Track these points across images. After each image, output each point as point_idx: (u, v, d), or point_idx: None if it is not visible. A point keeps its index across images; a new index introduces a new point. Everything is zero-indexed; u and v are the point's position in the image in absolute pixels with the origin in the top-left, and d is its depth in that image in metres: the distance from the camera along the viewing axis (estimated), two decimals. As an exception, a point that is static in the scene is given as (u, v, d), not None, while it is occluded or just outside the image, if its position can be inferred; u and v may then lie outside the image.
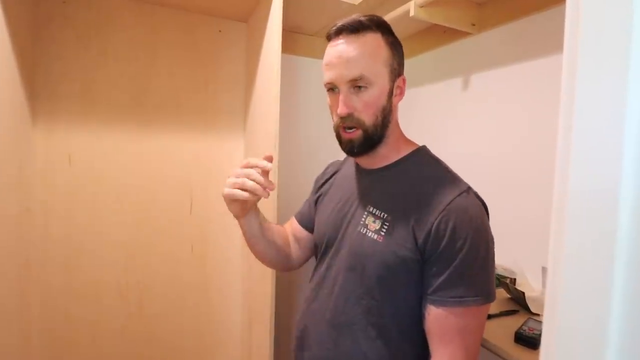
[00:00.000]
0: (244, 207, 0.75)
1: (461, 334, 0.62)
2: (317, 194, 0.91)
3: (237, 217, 0.79)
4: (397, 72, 0.72)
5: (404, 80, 0.74)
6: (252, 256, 1.30)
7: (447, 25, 1.20)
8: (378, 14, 1.29)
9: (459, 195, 0.64)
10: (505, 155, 1.19)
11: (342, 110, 0.68)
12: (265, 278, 1.09)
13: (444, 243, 0.62)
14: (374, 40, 0.68)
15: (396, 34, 0.74)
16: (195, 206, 1.41)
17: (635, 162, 0.28)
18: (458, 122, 1.38)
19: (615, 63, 0.29)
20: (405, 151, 0.75)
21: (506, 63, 1.19)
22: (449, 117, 1.42)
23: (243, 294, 1.46)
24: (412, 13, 1.13)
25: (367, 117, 0.69)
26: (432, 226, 0.63)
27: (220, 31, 1.42)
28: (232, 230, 1.47)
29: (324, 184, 0.91)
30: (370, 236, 0.70)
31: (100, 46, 1.24)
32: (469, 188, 0.67)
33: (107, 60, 1.25)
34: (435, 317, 0.64)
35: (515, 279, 1.10)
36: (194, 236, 1.41)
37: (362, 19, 0.68)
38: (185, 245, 1.40)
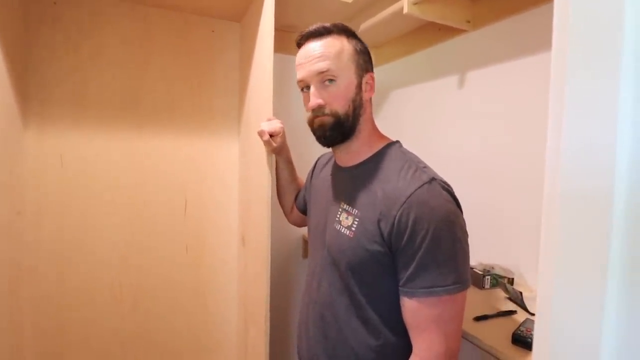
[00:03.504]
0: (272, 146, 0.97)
1: (436, 323, 0.64)
2: (307, 189, 1.01)
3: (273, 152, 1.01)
4: (363, 68, 0.77)
5: (372, 77, 0.79)
6: (247, 257, 1.30)
7: (441, 22, 1.18)
8: (371, 11, 1.29)
9: (419, 187, 0.66)
10: (502, 153, 1.18)
11: (313, 102, 0.74)
12: (260, 279, 1.08)
13: (406, 235, 0.64)
14: (337, 40, 0.75)
15: (390, 32, 0.75)
16: (190, 208, 1.39)
17: (627, 160, 0.27)
18: (453, 119, 1.37)
19: (606, 59, 0.28)
20: (376, 147, 0.79)
21: (501, 60, 1.17)
22: (444, 114, 1.41)
23: (238, 295, 1.45)
24: (405, 10, 1.11)
25: (339, 107, 0.74)
26: (394, 220, 0.66)
27: (213, 31, 1.41)
28: (227, 232, 1.46)
29: (312, 178, 0.99)
30: (343, 232, 0.74)
31: (92, 48, 1.22)
32: (433, 179, 0.68)
33: (99, 62, 1.24)
34: (409, 308, 0.66)
35: (513, 279, 1.09)
36: (189, 238, 1.40)
37: (326, 24, 0.76)
38: (179, 247, 1.38)
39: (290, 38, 1.59)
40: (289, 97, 1.61)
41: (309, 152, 1.12)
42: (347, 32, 0.77)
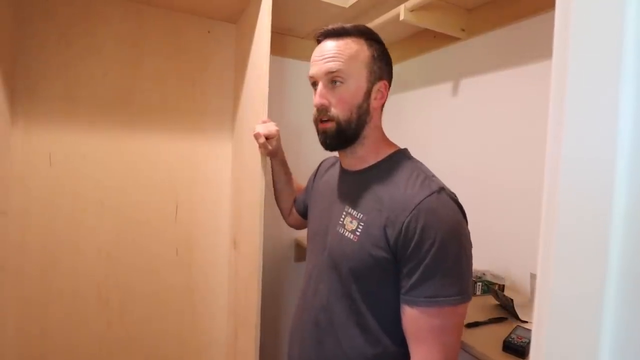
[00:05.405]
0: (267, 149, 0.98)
1: (436, 334, 0.63)
2: (309, 192, 0.99)
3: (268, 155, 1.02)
4: (377, 75, 0.75)
5: (385, 85, 0.76)
6: (238, 260, 1.28)
7: (436, 30, 1.20)
8: (369, 17, 1.30)
9: (429, 195, 0.65)
10: (494, 160, 1.19)
11: (316, 100, 0.74)
12: (251, 283, 1.07)
13: (413, 243, 0.63)
14: (355, 43, 0.73)
15: (386, 37, 0.75)
16: (181, 209, 1.37)
17: (627, 168, 0.27)
18: (447, 126, 1.38)
19: (606, 67, 0.28)
20: (384, 154, 0.77)
21: (495, 68, 1.19)
22: (438, 121, 1.42)
23: (228, 299, 1.43)
24: (402, 17, 1.12)
25: (341, 112, 0.73)
26: (402, 226, 0.64)
27: (209, 32, 1.40)
28: (218, 234, 1.44)
29: (315, 181, 0.97)
30: (347, 236, 0.72)
31: (83, 43, 1.20)
32: (442, 188, 0.67)
33: (90, 58, 1.21)
34: (410, 317, 0.65)
35: (503, 286, 1.10)
36: (179, 240, 1.38)
37: (346, 25, 0.74)
38: (169, 249, 1.36)
39: (287, 41, 1.60)
40: (285, 100, 1.61)
41: (305, 155, 1.12)
42: (368, 36, 0.75)
